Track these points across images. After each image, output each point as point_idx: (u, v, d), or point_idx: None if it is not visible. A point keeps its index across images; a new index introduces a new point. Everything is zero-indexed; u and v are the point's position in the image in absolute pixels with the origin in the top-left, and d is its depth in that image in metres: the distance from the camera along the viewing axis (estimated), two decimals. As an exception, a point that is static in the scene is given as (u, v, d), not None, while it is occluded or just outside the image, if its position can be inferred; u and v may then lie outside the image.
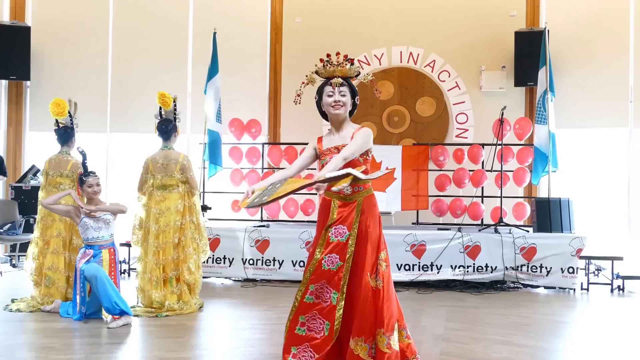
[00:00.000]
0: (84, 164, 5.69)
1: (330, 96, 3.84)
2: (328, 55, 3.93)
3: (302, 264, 7.50)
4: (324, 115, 3.98)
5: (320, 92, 3.92)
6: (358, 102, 3.96)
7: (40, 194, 6.13)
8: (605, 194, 9.09)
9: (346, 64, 3.89)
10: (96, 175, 5.67)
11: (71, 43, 10.12)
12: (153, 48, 9.99)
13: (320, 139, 3.96)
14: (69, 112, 6.21)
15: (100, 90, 10.01)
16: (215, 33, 8.67)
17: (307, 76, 4.03)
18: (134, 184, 6.17)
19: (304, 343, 3.65)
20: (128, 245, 7.56)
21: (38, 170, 9.10)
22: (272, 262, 7.58)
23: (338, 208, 3.76)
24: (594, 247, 7.41)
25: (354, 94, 3.90)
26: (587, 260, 7.42)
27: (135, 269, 6.12)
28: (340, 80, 3.85)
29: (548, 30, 8.25)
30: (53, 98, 6.20)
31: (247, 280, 7.61)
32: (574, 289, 7.19)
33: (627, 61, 9.05)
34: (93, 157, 6.13)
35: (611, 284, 7.32)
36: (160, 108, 6.11)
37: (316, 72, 3.96)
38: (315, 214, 8.70)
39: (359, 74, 3.96)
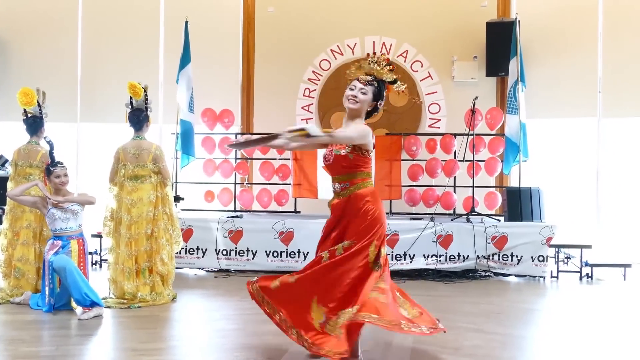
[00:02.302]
0: (51, 154, 5.60)
1: (351, 90, 3.94)
2: (368, 55, 4.10)
3: (275, 254, 7.50)
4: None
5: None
6: (380, 107, 4.03)
7: (9, 184, 6.03)
8: (574, 183, 9.22)
9: (385, 67, 3.98)
10: (64, 166, 5.59)
11: (40, 31, 9.94)
12: (124, 37, 9.85)
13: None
14: (37, 102, 6.11)
15: (70, 79, 9.85)
16: (187, 22, 8.59)
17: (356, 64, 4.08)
18: (104, 175, 6.10)
19: None
20: (99, 236, 7.49)
21: (7, 161, 8.91)
22: (245, 252, 7.56)
23: (332, 206, 3.95)
24: (564, 235, 7.52)
25: (377, 97, 3.96)
26: (556, 249, 7.54)
27: (106, 260, 6.06)
28: (368, 78, 3.93)
29: (519, 21, 8.33)
30: (21, 87, 6.09)
31: (220, 270, 7.59)
32: (544, 277, 7.30)
33: (596, 52, 9.16)
34: (62, 147, 6.04)
35: (580, 272, 7.45)
36: (131, 98, 6.04)
37: (359, 67, 4.03)
38: (289, 204, 8.74)
39: (395, 81, 4.02)
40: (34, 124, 6.13)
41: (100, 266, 7.84)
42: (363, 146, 3.86)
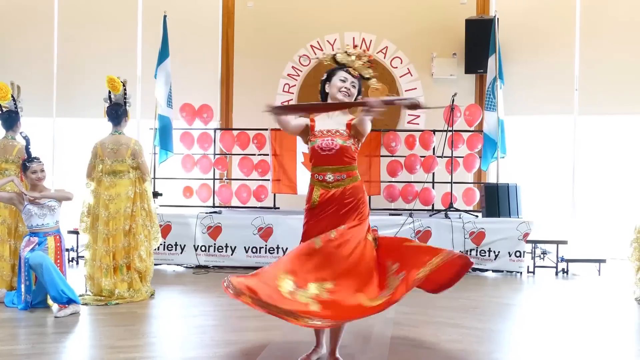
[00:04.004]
0: (27, 150, 5.53)
1: (343, 81, 3.83)
2: (354, 47, 4.01)
3: (254, 250, 7.49)
4: (324, 96, 3.93)
5: (332, 73, 3.88)
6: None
7: (-16, 180, 5.93)
8: (551, 180, 9.33)
9: (367, 63, 3.94)
10: (40, 161, 5.52)
11: (14, 23, 9.81)
12: (101, 30, 9.75)
13: (313, 119, 3.93)
14: (12, 96, 6.02)
15: (46, 73, 9.75)
16: (165, 16, 8.52)
17: (324, 55, 4.05)
18: (81, 171, 6.03)
19: None
20: (76, 232, 7.41)
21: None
22: (224, 248, 7.54)
23: (320, 194, 3.84)
24: (540, 231, 7.61)
25: (359, 92, 3.91)
26: (533, 244, 7.62)
27: (83, 256, 6.00)
28: (357, 72, 3.89)
29: (498, 19, 8.38)
30: (-5, 82, 6.01)
31: (199, 267, 7.56)
32: (521, 272, 7.38)
33: (573, 50, 9.27)
34: (39, 143, 5.95)
35: (556, 267, 7.55)
36: (110, 92, 5.98)
37: (333, 57, 3.95)
38: (268, 200, 8.72)
39: (372, 78, 3.98)
40: (9, 118, 6.04)
41: (77, 263, 7.76)
42: (360, 139, 3.93)
